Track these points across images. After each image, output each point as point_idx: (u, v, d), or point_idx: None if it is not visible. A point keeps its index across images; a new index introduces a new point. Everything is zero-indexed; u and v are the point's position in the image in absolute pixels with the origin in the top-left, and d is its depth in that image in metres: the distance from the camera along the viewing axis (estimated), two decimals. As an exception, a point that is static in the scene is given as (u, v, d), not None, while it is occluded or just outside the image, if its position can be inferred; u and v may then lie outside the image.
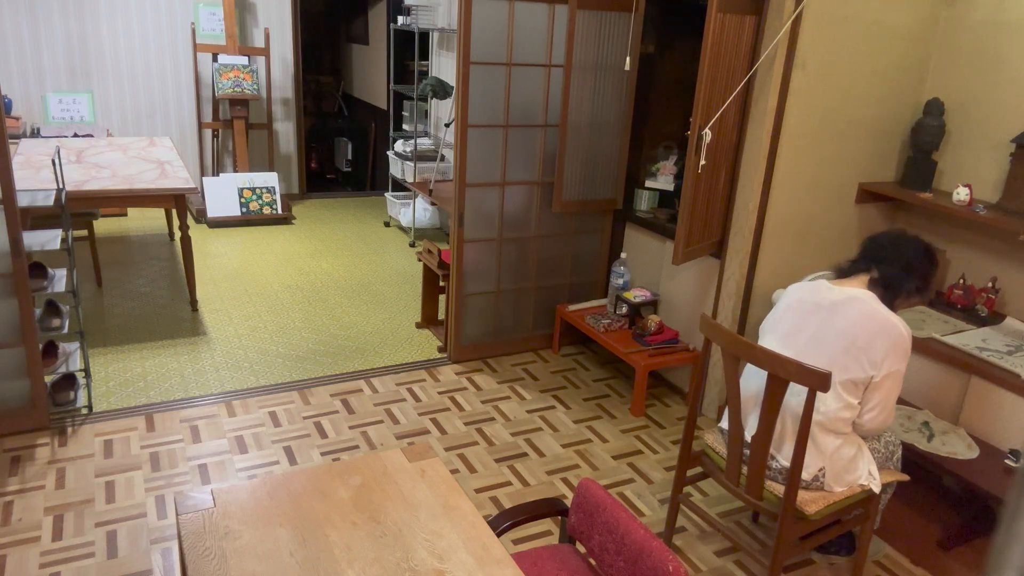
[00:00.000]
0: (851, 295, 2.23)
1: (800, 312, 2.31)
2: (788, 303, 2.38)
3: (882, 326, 2.17)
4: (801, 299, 2.34)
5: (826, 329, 2.23)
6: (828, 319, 2.23)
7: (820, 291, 2.30)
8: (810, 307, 2.30)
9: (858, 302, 2.21)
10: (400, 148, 6.23)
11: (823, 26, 3.01)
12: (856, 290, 2.25)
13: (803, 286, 2.39)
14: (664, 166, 3.98)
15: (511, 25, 3.57)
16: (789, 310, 2.35)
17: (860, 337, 2.17)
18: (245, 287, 4.78)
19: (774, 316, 2.40)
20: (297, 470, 2.00)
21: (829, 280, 2.34)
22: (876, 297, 2.23)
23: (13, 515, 2.62)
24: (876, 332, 2.16)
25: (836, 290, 2.27)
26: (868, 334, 2.16)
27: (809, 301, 2.31)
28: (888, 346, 2.15)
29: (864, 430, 2.27)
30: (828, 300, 2.26)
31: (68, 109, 5.83)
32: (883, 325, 2.17)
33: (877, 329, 2.16)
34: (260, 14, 6.44)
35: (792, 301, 2.37)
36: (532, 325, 4.16)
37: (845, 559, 2.67)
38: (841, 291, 2.26)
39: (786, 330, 2.32)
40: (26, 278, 2.96)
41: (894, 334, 2.16)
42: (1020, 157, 3.04)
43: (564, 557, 1.97)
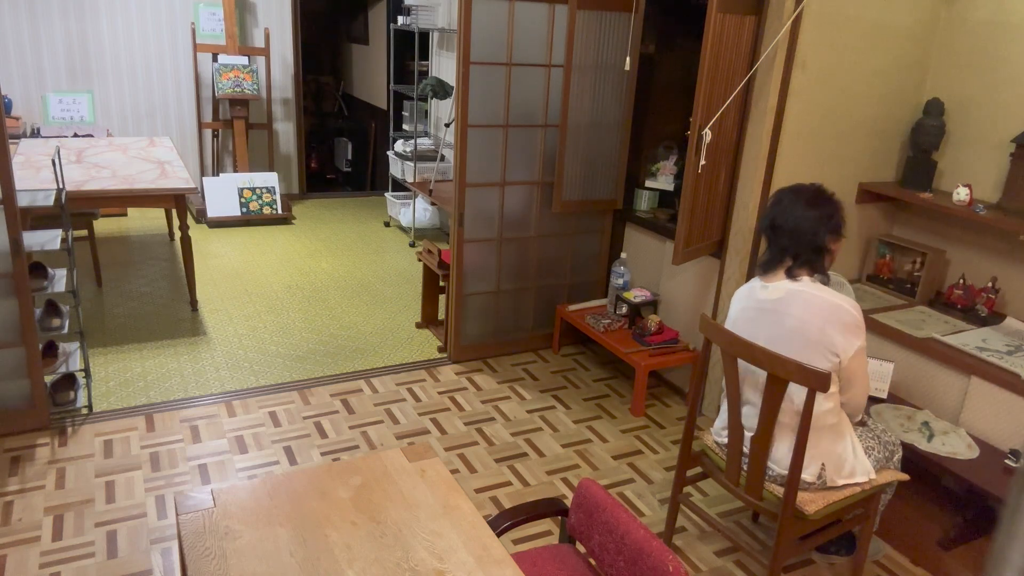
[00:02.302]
0: (784, 289, 2.21)
1: (747, 320, 2.30)
2: (734, 316, 2.37)
3: (828, 312, 2.15)
4: (744, 307, 2.33)
5: (777, 330, 2.21)
6: (776, 320, 2.22)
7: (756, 293, 2.29)
8: (754, 313, 2.28)
9: (796, 295, 2.19)
10: (400, 148, 6.23)
11: (823, 26, 3.01)
12: (786, 282, 2.22)
13: (739, 294, 2.38)
14: (664, 166, 3.98)
15: (511, 25, 3.57)
16: (738, 321, 2.33)
17: (811, 330, 2.16)
18: (245, 287, 4.78)
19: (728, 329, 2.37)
20: (297, 470, 2.00)
21: (761, 279, 2.31)
22: (807, 280, 2.20)
23: (13, 515, 2.62)
24: (825, 320, 2.14)
25: (769, 287, 2.25)
26: (818, 324, 2.15)
27: (751, 308, 2.30)
28: (841, 329, 2.14)
29: (852, 406, 2.30)
30: (768, 300, 2.24)
31: (68, 109, 5.83)
32: (829, 311, 2.15)
33: (824, 317, 2.14)
34: (260, 14, 6.44)
35: (736, 312, 2.36)
36: (532, 325, 4.16)
37: (845, 559, 2.67)
38: (774, 287, 2.24)
39: None
40: (26, 278, 2.97)
41: (843, 316, 2.14)
42: (1020, 157, 3.04)
43: (564, 557, 1.97)
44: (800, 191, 2.26)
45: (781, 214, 2.24)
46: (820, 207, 2.21)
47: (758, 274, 2.33)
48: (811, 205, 2.21)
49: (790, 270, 2.23)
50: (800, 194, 2.25)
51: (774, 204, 2.29)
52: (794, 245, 2.22)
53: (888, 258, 3.52)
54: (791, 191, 2.27)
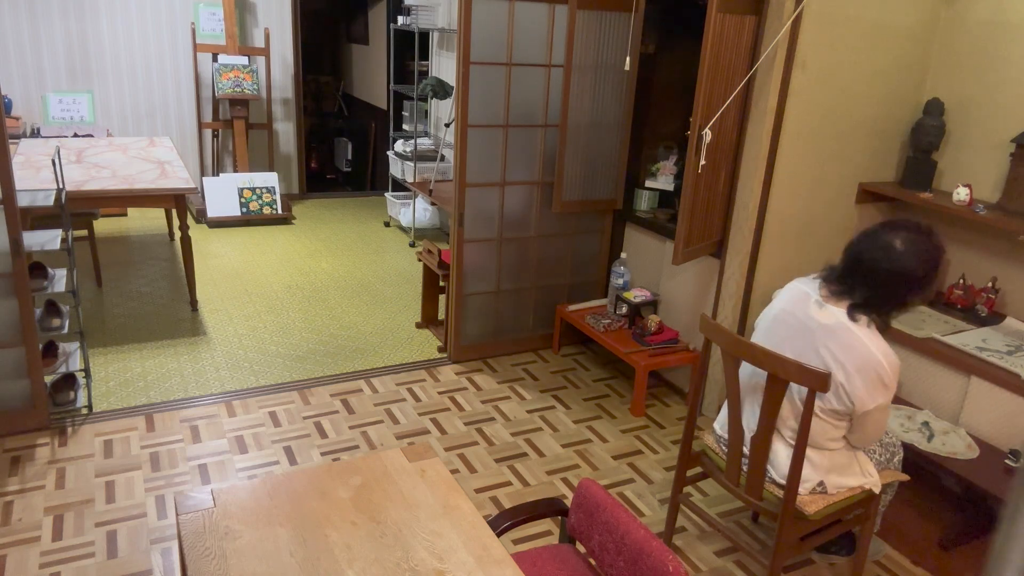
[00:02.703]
0: (837, 321, 2.08)
1: (786, 326, 2.21)
2: (777, 313, 2.27)
3: (864, 362, 2.04)
4: (789, 312, 2.22)
5: (807, 354, 2.12)
6: (810, 343, 2.13)
7: (808, 307, 2.16)
8: (796, 324, 2.18)
9: (844, 331, 2.07)
10: (400, 148, 6.23)
11: (823, 26, 3.01)
12: (843, 313, 2.09)
13: (793, 292, 2.26)
14: (664, 166, 3.98)
15: (511, 25, 3.57)
16: (777, 321, 2.25)
17: (840, 372, 2.07)
18: (245, 287, 4.78)
19: (763, 324, 2.32)
20: (297, 470, 2.00)
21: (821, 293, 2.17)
22: (864, 322, 2.07)
23: (13, 515, 2.62)
24: (858, 368, 2.05)
25: (825, 310, 2.12)
26: (849, 370, 2.06)
27: (796, 317, 2.19)
28: (869, 383, 2.06)
29: (855, 444, 2.26)
30: (815, 321, 2.13)
31: (68, 109, 5.83)
32: (866, 362, 2.04)
33: (859, 365, 2.04)
34: (260, 14, 6.44)
35: (780, 311, 2.26)
36: (532, 325, 4.16)
37: (845, 559, 2.67)
38: (830, 312, 2.11)
39: (771, 344, 2.21)
40: (26, 278, 2.97)
41: (877, 370, 2.04)
42: (1020, 157, 3.04)
43: (564, 557, 1.97)
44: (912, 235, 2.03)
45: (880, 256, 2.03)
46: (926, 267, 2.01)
47: (822, 285, 2.18)
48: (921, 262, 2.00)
49: (855, 307, 2.07)
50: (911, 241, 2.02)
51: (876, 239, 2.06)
52: (877, 292, 2.05)
53: (888, 258, 3.51)
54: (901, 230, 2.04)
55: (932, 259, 2.05)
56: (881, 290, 2.05)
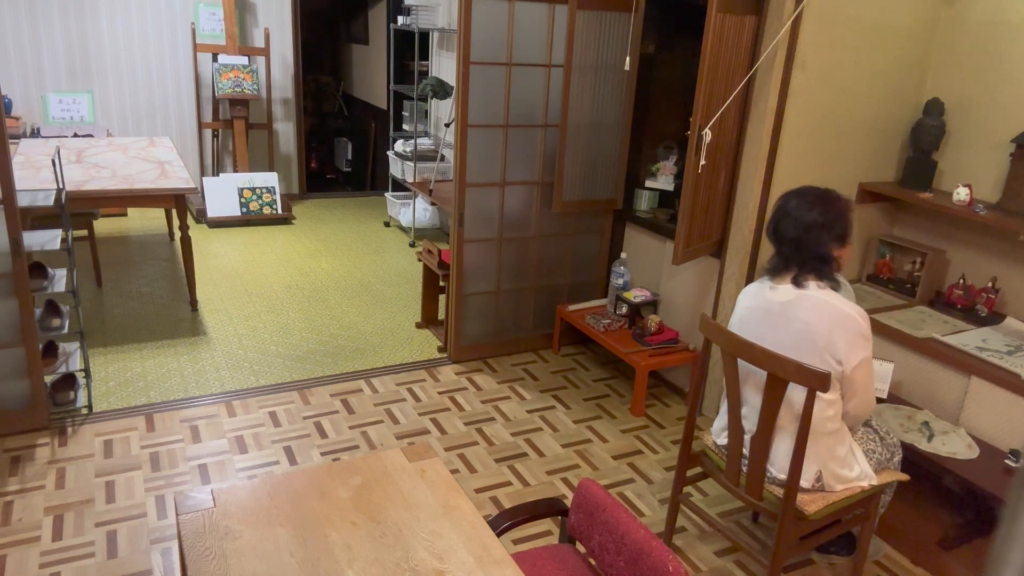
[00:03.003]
0: (793, 294, 2.19)
1: (755, 320, 2.27)
2: (740, 314, 2.34)
3: (835, 320, 2.12)
4: (750, 307, 2.30)
5: (783, 334, 2.19)
6: (783, 323, 2.20)
7: (764, 294, 2.26)
8: (760, 315, 2.26)
9: (805, 298, 2.16)
10: (400, 148, 6.23)
11: (823, 26, 3.01)
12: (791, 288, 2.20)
13: (749, 292, 2.35)
14: (664, 166, 3.98)
15: (511, 25, 3.57)
16: (744, 321, 2.31)
17: (818, 335, 2.13)
18: (245, 287, 4.78)
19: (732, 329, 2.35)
20: (297, 470, 2.00)
21: (769, 280, 2.27)
22: (814, 287, 2.17)
23: (13, 515, 2.62)
24: (832, 327, 2.12)
25: (779, 289, 2.22)
26: (825, 331, 2.13)
27: (758, 309, 2.27)
28: (847, 338, 2.13)
29: (852, 417, 2.27)
30: (775, 303, 2.22)
31: (68, 109, 5.83)
32: (835, 319, 2.12)
33: (832, 324, 2.12)
34: (260, 14, 6.44)
35: (743, 310, 2.33)
36: (532, 325, 4.16)
37: (845, 559, 2.67)
38: (783, 291, 2.21)
39: None
40: (26, 278, 2.97)
41: (850, 324, 2.12)
42: (1020, 157, 3.04)
43: (564, 557, 1.97)
44: (804, 195, 2.21)
45: (784, 221, 2.20)
46: (824, 214, 2.17)
47: (766, 276, 2.30)
48: (815, 212, 2.16)
49: (796, 278, 2.20)
50: (804, 199, 2.20)
51: (777, 210, 2.25)
52: (798, 254, 2.19)
53: (888, 258, 3.52)
54: (795, 196, 2.22)
55: (827, 204, 2.19)
56: (803, 250, 2.17)
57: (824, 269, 2.19)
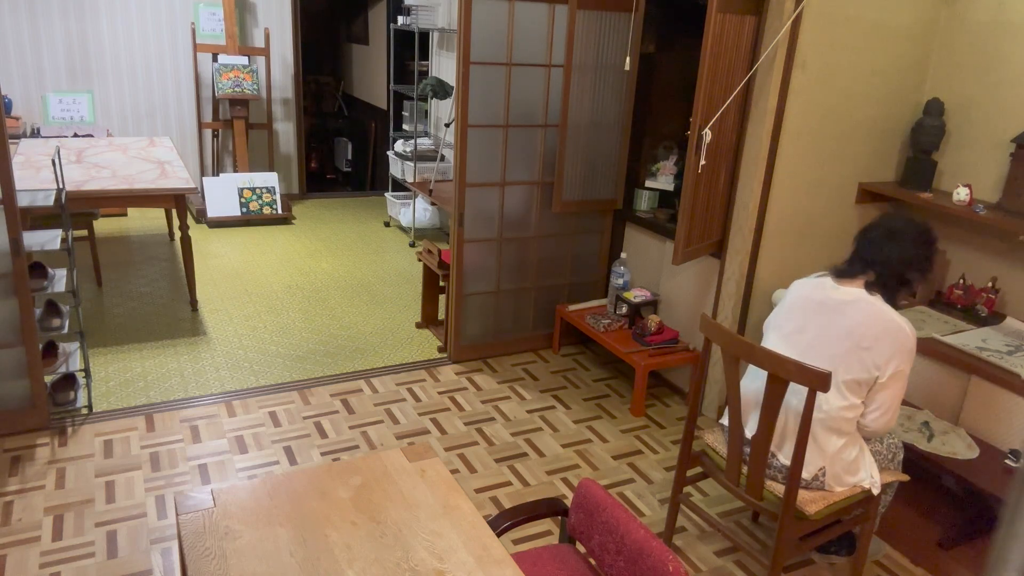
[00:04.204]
0: (856, 295, 2.23)
1: (805, 310, 2.30)
2: (792, 300, 2.36)
3: (887, 328, 2.16)
4: (806, 296, 2.33)
5: (831, 329, 2.22)
6: (833, 319, 2.23)
7: (825, 289, 2.29)
8: (815, 306, 2.29)
9: (863, 303, 2.21)
10: (400, 148, 6.23)
11: (823, 26, 3.01)
12: (860, 291, 2.24)
13: (807, 283, 2.37)
14: (664, 166, 3.98)
15: (511, 25, 3.57)
16: (794, 308, 2.34)
17: (865, 338, 2.16)
18: (245, 287, 4.78)
19: (778, 313, 2.39)
20: (297, 470, 2.00)
21: (834, 280, 2.32)
22: (880, 298, 2.23)
23: (13, 515, 2.62)
24: (881, 333, 2.16)
25: (841, 290, 2.26)
26: (873, 335, 2.16)
27: (814, 300, 2.30)
28: (893, 348, 2.15)
29: (868, 431, 2.27)
30: (833, 300, 2.26)
31: (68, 109, 5.83)
32: (888, 327, 2.17)
33: (882, 331, 2.16)
34: (260, 14, 6.44)
35: (796, 298, 2.36)
36: (532, 325, 4.16)
37: (845, 559, 2.67)
38: (846, 291, 2.25)
39: (790, 328, 2.31)
40: (26, 278, 2.97)
41: (899, 336, 2.16)
42: (1020, 157, 3.04)
43: (564, 557, 1.97)
44: (914, 223, 2.29)
45: (887, 236, 2.26)
46: (925, 248, 2.27)
47: (832, 275, 2.33)
48: (920, 237, 2.26)
49: (869, 284, 2.25)
50: (914, 226, 2.28)
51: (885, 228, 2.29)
52: (885, 270, 2.24)
53: (888, 258, 3.51)
54: (905, 219, 2.30)
55: (927, 240, 2.29)
56: (886, 268, 2.24)
57: (896, 293, 2.26)
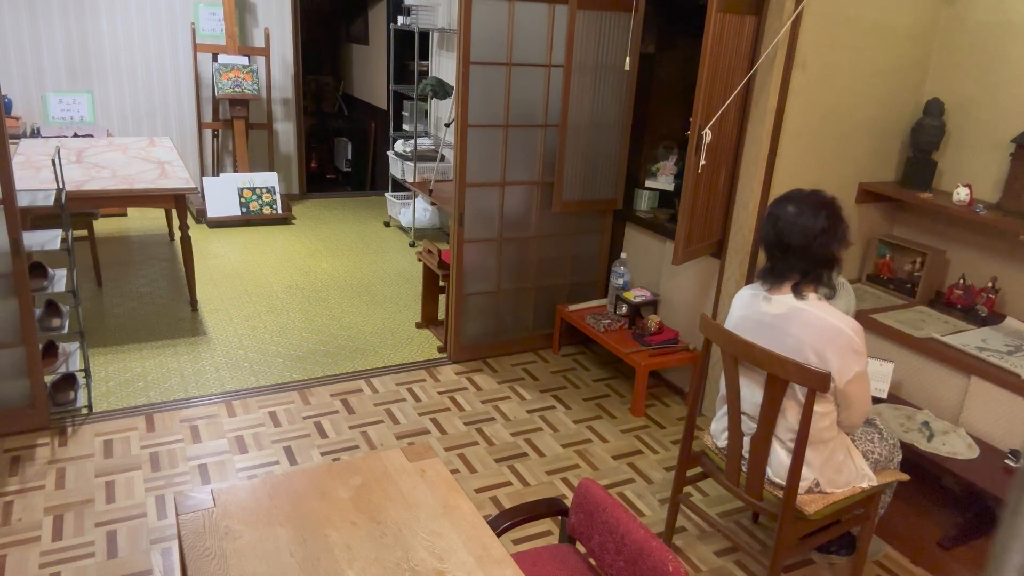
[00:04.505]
0: (788, 306, 2.15)
1: (746, 331, 2.23)
2: (734, 323, 2.30)
3: (828, 335, 2.09)
4: (744, 316, 2.27)
5: (775, 346, 2.14)
6: (775, 336, 2.16)
7: (758, 305, 2.23)
8: (753, 325, 2.22)
9: (797, 312, 2.13)
10: (400, 148, 6.23)
11: (823, 26, 3.01)
12: (790, 299, 2.16)
13: (742, 300, 2.31)
14: (664, 166, 3.98)
15: (511, 25, 3.57)
16: (736, 331, 2.26)
17: (811, 352, 2.10)
18: (245, 287, 4.78)
19: None
20: (297, 470, 2.00)
21: (764, 289, 2.23)
22: (813, 299, 2.14)
23: (13, 515, 2.62)
24: (824, 343, 2.09)
25: (773, 301, 2.18)
26: (816, 346, 2.10)
27: (751, 319, 2.24)
28: (839, 353, 2.09)
29: (847, 425, 2.27)
30: (768, 315, 2.19)
31: (68, 109, 5.83)
32: (828, 334, 2.09)
33: (823, 339, 2.09)
34: (260, 14, 6.44)
35: (736, 319, 2.30)
36: (532, 325, 4.16)
37: (845, 559, 2.67)
38: (777, 302, 2.17)
39: None
40: (26, 278, 2.96)
41: (841, 340, 2.08)
42: (1020, 157, 3.04)
43: (564, 557, 1.97)
44: (802, 201, 2.14)
45: (787, 230, 2.12)
46: (830, 218, 2.11)
47: (760, 283, 2.25)
48: (821, 217, 2.10)
49: (797, 286, 2.16)
50: (803, 205, 2.13)
51: (776, 219, 2.16)
52: (803, 262, 2.13)
53: (888, 258, 3.52)
54: (792, 202, 2.15)
55: (826, 208, 2.13)
56: (803, 257, 2.13)
57: (828, 275, 2.16)
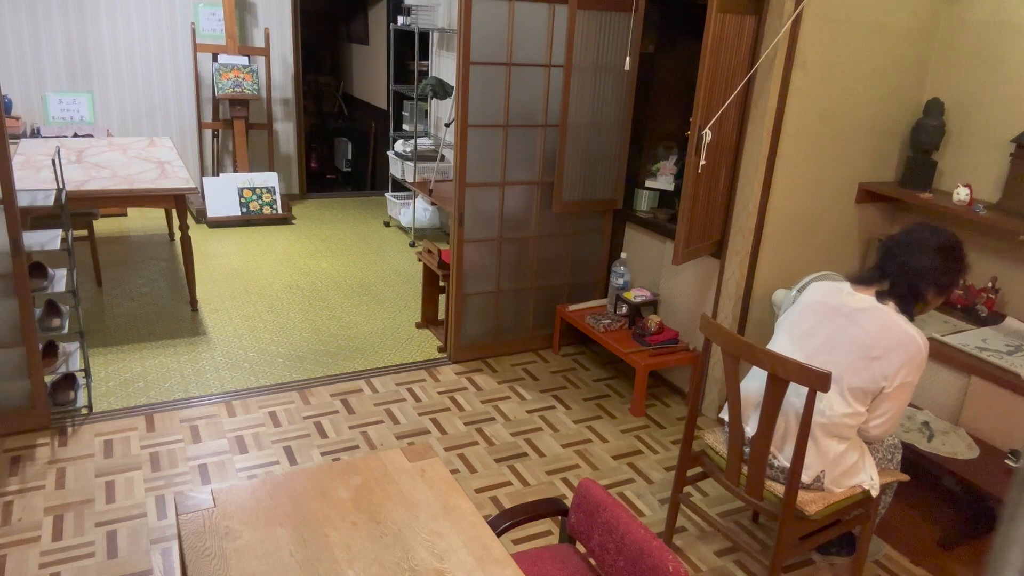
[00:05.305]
0: (869, 304, 2.21)
1: (818, 314, 2.29)
2: (807, 303, 2.35)
3: (899, 339, 2.13)
4: (821, 301, 2.31)
5: (842, 335, 2.21)
6: (845, 326, 2.21)
7: (841, 296, 2.28)
8: (828, 311, 2.27)
9: (877, 312, 2.18)
10: (400, 148, 6.23)
11: (823, 26, 3.01)
12: (872, 299, 2.22)
13: (823, 287, 2.35)
14: (664, 166, 3.98)
15: (511, 25, 3.57)
16: (807, 310, 2.32)
17: (875, 348, 2.15)
18: (245, 287, 4.78)
19: (791, 314, 2.38)
20: (297, 470, 2.00)
21: (851, 286, 2.30)
22: (894, 307, 2.19)
23: (13, 515, 2.62)
24: (893, 345, 2.13)
25: (857, 297, 2.24)
26: (884, 346, 2.14)
27: (828, 304, 2.28)
28: (903, 360, 2.13)
29: (868, 436, 2.27)
30: (847, 307, 2.24)
31: (68, 109, 5.83)
32: (900, 338, 2.13)
33: (894, 342, 2.13)
34: (260, 14, 6.44)
35: (811, 302, 2.34)
36: (532, 325, 4.16)
37: (845, 559, 2.67)
38: (861, 299, 2.23)
39: (801, 331, 2.30)
40: (26, 278, 2.96)
41: (911, 348, 2.13)
42: (1020, 157, 3.04)
43: (564, 557, 1.97)
44: (940, 235, 2.22)
45: (907, 244, 2.21)
46: (945, 261, 2.19)
47: (850, 281, 2.31)
48: (939, 255, 2.19)
49: (881, 294, 2.22)
50: (937, 237, 2.21)
51: (909, 237, 2.24)
52: (899, 278, 2.20)
53: (888, 258, 3.51)
54: (932, 230, 2.24)
55: (948, 253, 2.21)
56: (899, 279, 2.20)
57: (910, 303, 2.21)
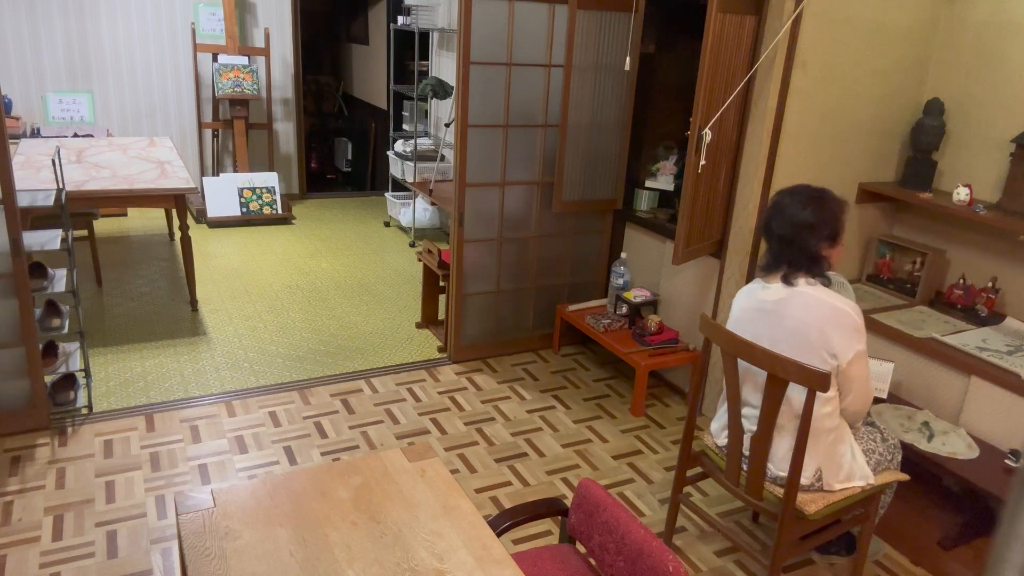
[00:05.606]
0: (787, 291, 2.20)
1: (749, 321, 2.28)
2: (734, 315, 2.36)
3: (828, 313, 2.13)
4: (744, 307, 2.32)
5: (777, 331, 2.20)
6: (776, 321, 2.21)
7: (757, 294, 2.28)
8: (754, 313, 2.27)
9: (796, 296, 2.17)
10: (400, 148, 6.23)
11: (823, 26, 3.01)
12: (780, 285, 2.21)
13: (742, 293, 2.36)
14: (664, 166, 3.98)
15: (511, 25, 3.57)
16: (739, 321, 2.32)
17: (811, 331, 2.14)
18: (245, 287, 4.78)
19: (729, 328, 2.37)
20: (297, 470, 2.00)
21: (761, 279, 2.29)
22: (804, 283, 2.18)
23: (13, 515, 2.62)
24: (824, 321, 2.13)
25: (769, 288, 2.24)
26: (818, 326, 2.13)
27: (751, 308, 2.28)
28: (841, 332, 2.13)
29: (851, 414, 2.27)
30: (766, 302, 2.23)
31: (68, 109, 5.83)
32: (828, 312, 2.13)
33: (824, 318, 2.13)
34: (260, 14, 6.44)
35: (737, 311, 2.35)
36: (532, 325, 4.16)
37: (845, 559, 2.67)
38: (773, 289, 2.23)
39: None
40: (26, 278, 2.97)
41: (843, 319, 2.12)
42: (1020, 157, 3.04)
43: (564, 557, 1.97)
44: (798, 194, 2.20)
45: (777, 219, 2.20)
46: (816, 213, 2.16)
47: (758, 274, 2.32)
48: (807, 211, 2.16)
49: (786, 276, 2.21)
50: (797, 197, 2.19)
51: (771, 207, 2.25)
52: (788, 252, 2.19)
53: (888, 258, 3.52)
54: (789, 194, 2.22)
55: (819, 204, 2.18)
56: (793, 248, 2.18)
57: (815, 267, 2.20)
